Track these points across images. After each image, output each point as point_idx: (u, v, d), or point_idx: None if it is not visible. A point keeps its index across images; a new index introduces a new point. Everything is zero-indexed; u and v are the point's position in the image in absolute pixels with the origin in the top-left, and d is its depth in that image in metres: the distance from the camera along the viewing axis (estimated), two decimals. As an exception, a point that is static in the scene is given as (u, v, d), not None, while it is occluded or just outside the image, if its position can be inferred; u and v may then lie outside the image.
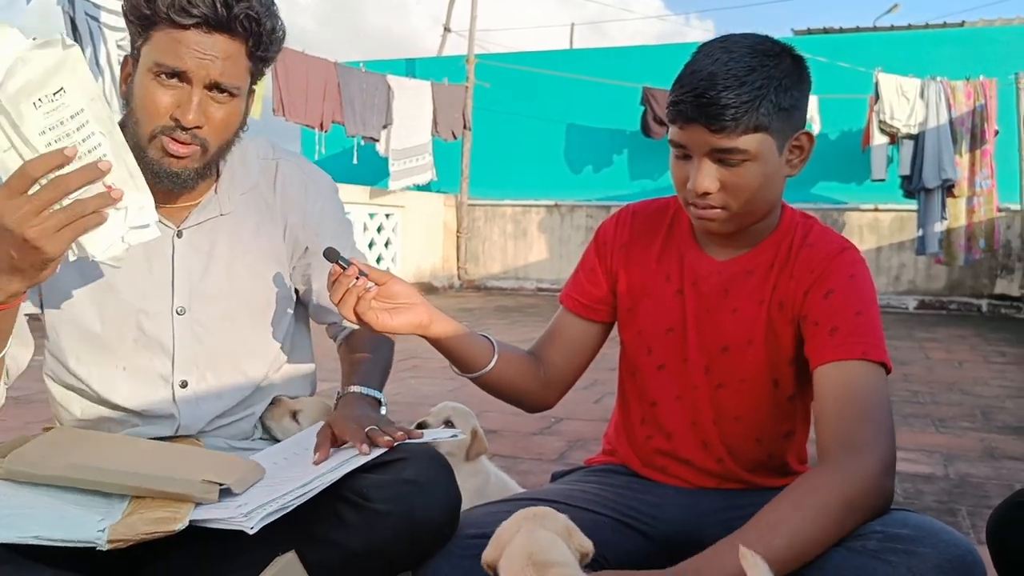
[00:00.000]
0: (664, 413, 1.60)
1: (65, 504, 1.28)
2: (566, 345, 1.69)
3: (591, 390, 3.98)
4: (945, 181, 8.38)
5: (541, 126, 11.48)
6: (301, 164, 1.70)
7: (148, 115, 1.41)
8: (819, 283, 1.45)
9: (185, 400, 1.55)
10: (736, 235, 1.51)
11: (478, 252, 11.43)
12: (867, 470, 1.28)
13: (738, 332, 1.51)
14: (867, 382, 1.36)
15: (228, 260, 1.57)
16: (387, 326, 1.48)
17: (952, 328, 7.61)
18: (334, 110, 8.60)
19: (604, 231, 1.69)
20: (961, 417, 3.69)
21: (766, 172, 1.40)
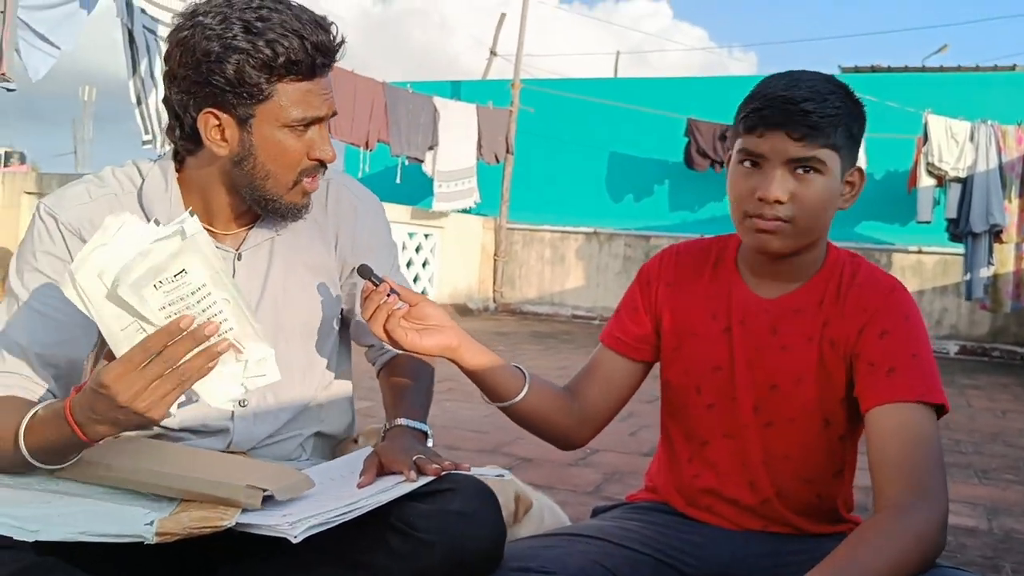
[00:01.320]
0: (714, 452, 1.58)
1: (111, 503, 1.30)
2: (604, 383, 1.68)
3: (627, 422, 3.96)
4: (993, 226, 8.26)
5: (583, 153, 11.50)
6: (351, 185, 1.72)
7: (291, 166, 1.46)
8: (872, 322, 1.44)
9: (242, 418, 1.56)
10: (784, 270, 1.52)
11: (515, 276, 11.44)
12: (937, 519, 1.27)
13: (788, 370, 1.51)
14: (926, 426, 1.36)
15: (283, 279, 1.59)
16: (416, 346, 1.49)
17: (994, 376, 7.47)
18: (380, 129, 8.69)
19: (648, 270, 1.70)
20: (1005, 469, 3.61)
21: (831, 192, 1.43)
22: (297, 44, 1.38)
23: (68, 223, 1.49)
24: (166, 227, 1.20)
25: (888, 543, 1.22)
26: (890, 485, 1.32)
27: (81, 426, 1.22)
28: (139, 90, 5.77)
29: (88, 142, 14.45)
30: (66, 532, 1.20)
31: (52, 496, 1.34)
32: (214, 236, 1.55)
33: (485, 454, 3.11)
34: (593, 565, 1.45)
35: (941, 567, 1.32)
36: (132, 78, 5.75)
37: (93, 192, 1.52)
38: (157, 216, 1.51)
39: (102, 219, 1.50)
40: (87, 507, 1.28)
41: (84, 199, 1.51)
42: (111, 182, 1.54)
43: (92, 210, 1.50)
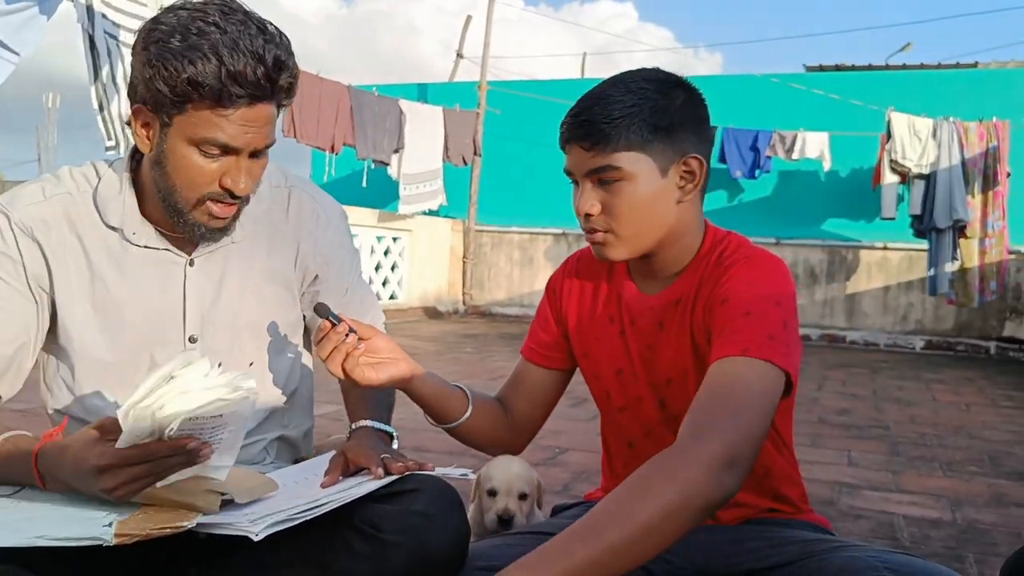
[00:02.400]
0: (641, 452, 1.59)
1: (71, 507, 1.29)
2: (529, 393, 1.72)
3: (595, 422, 3.96)
4: (956, 222, 8.38)
5: (551, 154, 11.48)
6: (314, 193, 1.70)
7: (193, 185, 1.41)
8: (719, 295, 1.42)
9: None
10: (656, 268, 1.53)
11: (484, 278, 11.43)
12: (707, 458, 1.16)
13: (674, 363, 1.51)
14: (738, 374, 1.28)
15: (239, 287, 1.57)
16: (372, 380, 1.50)
17: (959, 370, 7.58)
18: (346, 133, 8.64)
19: (554, 280, 1.73)
20: (968, 461, 3.66)
21: (645, 193, 1.42)
22: (211, 69, 1.31)
23: (20, 222, 1.46)
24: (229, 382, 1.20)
25: (648, 490, 1.14)
26: (684, 425, 1.25)
27: (44, 478, 1.24)
28: (101, 96, 5.68)
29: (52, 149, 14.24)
30: (23, 538, 1.18)
31: (9, 502, 1.32)
32: (167, 239, 1.53)
33: (454, 456, 3.10)
34: (556, 563, 1.44)
35: (898, 554, 1.34)
36: (94, 84, 5.67)
37: (48, 190, 1.50)
38: (110, 217, 1.49)
39: (55, 219, 1.48)
40: (45, 511, 1.26)
41: (38, 198, 1.49)
42: (67, 181, 1.52)
43: (45, 209, 1.48)
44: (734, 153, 9.77)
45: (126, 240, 1.51)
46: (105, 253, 1.51)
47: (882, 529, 2.58)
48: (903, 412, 4.96)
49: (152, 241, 1.52)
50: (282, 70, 1.36)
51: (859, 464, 3.48)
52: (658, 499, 1.12)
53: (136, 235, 1.51)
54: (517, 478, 1.72)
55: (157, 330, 1.53)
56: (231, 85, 1.32)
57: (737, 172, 9.85)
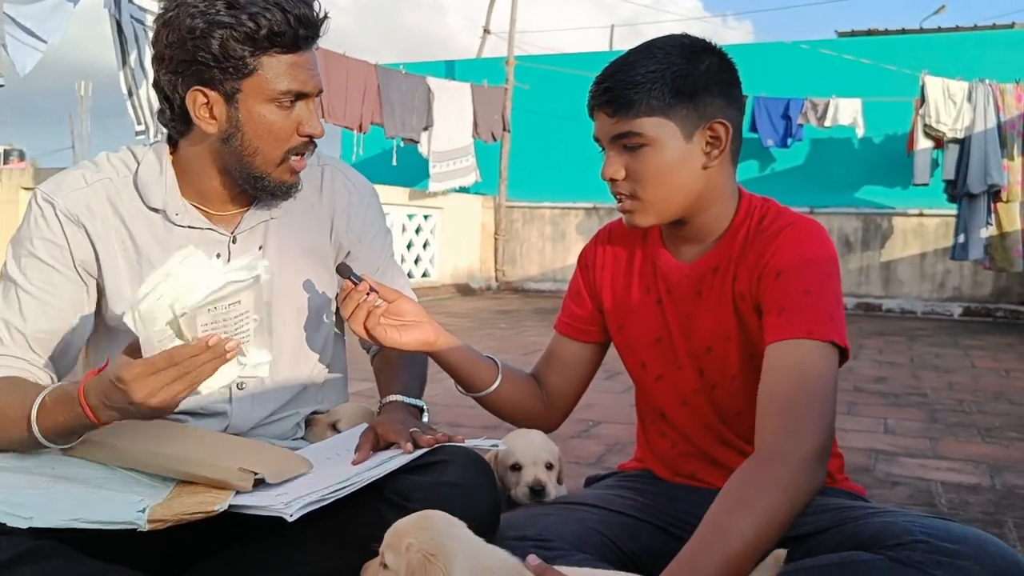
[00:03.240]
0: (675, 421, 1.61)
1: (108, 490, 1.31)
2: (563, 368, 1.73)
3: (628, 394, 3.95)
4: (991, 186, 8.21)
5: (580, 128, 11.40)
6: (345, 171, 1.73)
7: (279, 142, 1.47)
8: (771, 266, 1.43)
9: (240, 400, 1.58)
10: (691, 234, 1.53)
11: (516, 254, 11.42)
12: (803, 459, 1.23)
13: (716, 331, 1.51)
14: (811, 361, 1.33)
15: (278, 262, 1.60)
16: (395, 341, 1.52)
17: (998, 336, 7.46)
18: (373, 111, 8.65)
19: (586, 252, 1.73)
20: (1008, 427, 3.61)
21: (669, 159, 1.42)
22: (280, 16, 1.39)
23: (66, 209, 1.50)
24: (239, 264, 1.24)
25: (754, 498, 1.19)
26: (764, 424, 1.30)
27: (94, 409, 1.25)
28: (130, 81, 5.74)
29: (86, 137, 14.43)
30: (60, 519, 1.21)
31: (48, 481, 1.35)
32: (209, 218, 1.55)
33: (487, 430, 3.11)
34: (591, 532, 1.45)
35: (935, 519, 1.33)
36: (122, 69, 5.73)
37: (89, 177, 1.53)
38: (153, 199, 1.52)
39: (99, 204, 1.51)
40: (81, 493, 1.29)
41: (80, 184, 1.53)
42: (106, 167, 1.55)
43: (88, 195, 1.52)
44: (765, 122, 9.66)
45: (170, 221, 1.54)
46: (150, 235, 1.54)
47: (920, 496, 2.56)
48: (941, 379, 4.90)
49: (195, 221, 1.55)
50: (322, 10, 1.47)
51: (896, 431, 3.45)
52: (765, 506, 1.19)
53: (179, 216, 1.54)
54: (542, 449, 1.72)
55: None
56: (301, 28, 1.42)
57: (769, 141, 9.74)
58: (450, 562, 1.07)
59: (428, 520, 1.12)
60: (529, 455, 1.71)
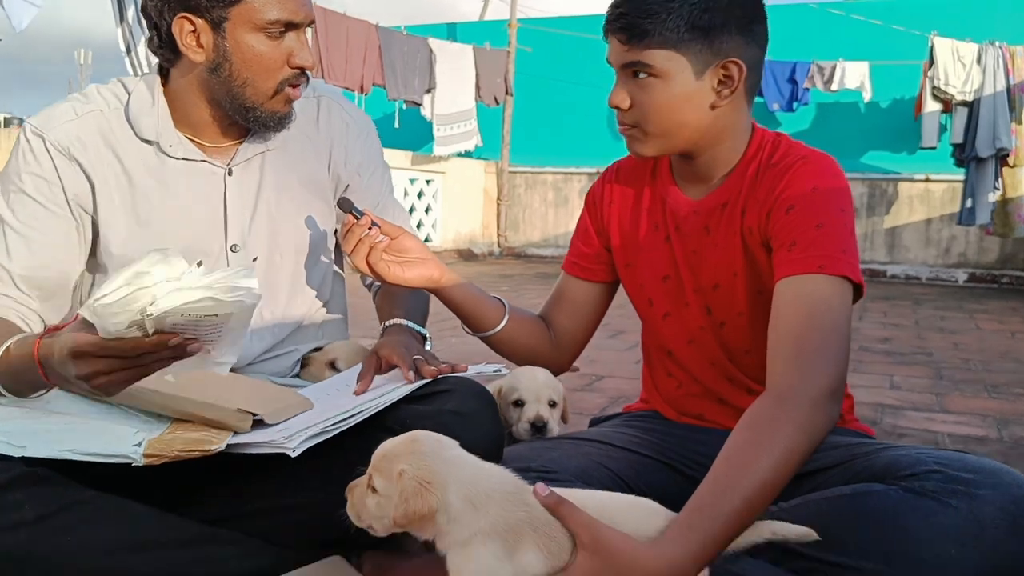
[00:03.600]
0: (682, 360, 1.58)
1: (103, 422, 1.29)
2: (571, 308, 1.70)
3: (634, 352, 3.94)
4: (1000, 150, 8.13)
5: (583, 92, 11.34)
6: (342, 102, 1.70)
7: (269, 73, 1.43)
8: (781, 200, 1.39)
9: None
10: (700, 170, 1.49)
11: (518, 219, 11.37)
12: (819, 395, 1.20)
13: (723, 267, 1.48)
14: (823, 297, 1.29)
15: (276, 195, 1.57)
16: (398, 278, 1.50)
17: (1004, 301, 7.42)
18: (375, 73, 8.57)
19: (593, 191, 1.69)
20: (1015, 384, 3.58)
21: (676, 94, 1.38)
22: None
23: (56, 142, 1.47)
24: (224, 278, 1.10)
25: (769, 437, 1.16)
26: (776, 362, 1.26)
27: (45, 368, 1.17)
28: (127, 38, 5.68)
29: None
30: (54, 449, 1.19)
31: (43, 413, 1.32)
32: (203, 150, 1.52)
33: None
34: (596, 467, 1.43)
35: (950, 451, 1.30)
36: (120, 25, 5.67)
37: (79, 109, 1.50)
38: (145, 131, 1.49)
39: (90, 136, 1.48)
40: (76, 425, 1.26)
41: (70, 116, 1.49)
42: (96, 99, 1.52)
43: (79, 127, 1.48)
44: (771, 86, 9.55)
45: (163, 153, 1.51)
46: (143, 167, 1.51)
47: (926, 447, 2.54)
48: (946, 340, 4.87)
49: (190, 153, 1.51)
50: None
51: (902, 387, 3.43)
52: (782, 445, 1.15)
53: (173, 147, 1.50)
54: (545, 386, 1.69)
55: (199, 240, 1.52)
56: None
57: (774, 105, 9.64)
58: (445, 488, 1.04)
59: (418, 443, 1.08)
60: (532, 391, 1.68)
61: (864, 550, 1.21)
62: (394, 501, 1.04)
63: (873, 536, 1.20)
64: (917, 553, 1.17)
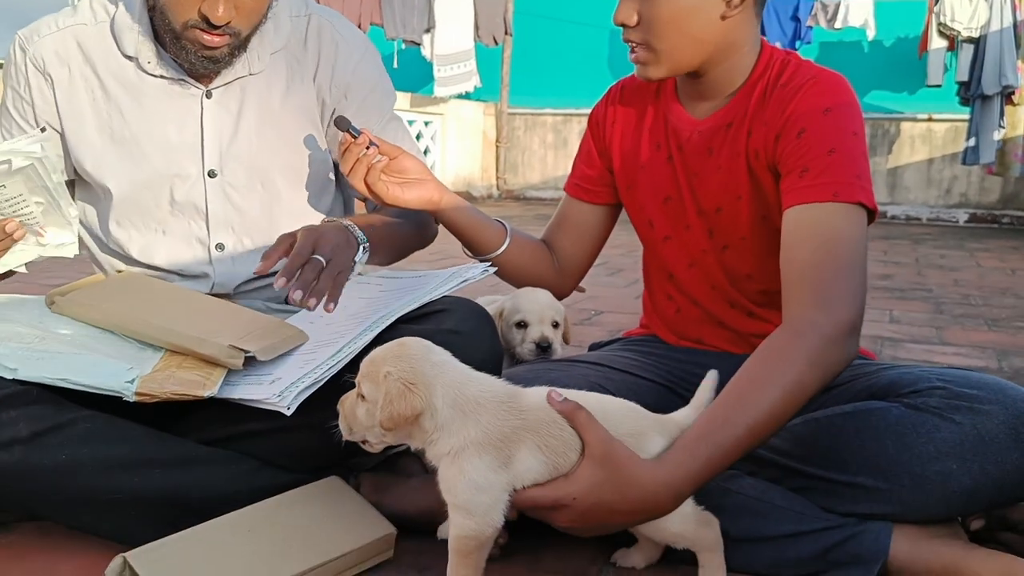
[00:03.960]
0: (683, 283, 1.56)
1: (97, 353, 1.28)
2: (574, 231, 1.67)
3: (633, 288, 3.93)
4: (1005, 87, 8.02)
5: (584, 31, 11.17)
6: (334, 20, 1.62)
7: (177, 7, 1.35)
8: (791, 123, 1.35)
9: (220, 261, 1.54)
10: (706, 88, 1.45)
11: (517, 162, 11.29)
12: (835, 332, 1.18)
13: (726, 190, 1.45)
14: (841, 227, 1.26)
15: (258, 121, 1.53)
16: (398, 199, 1.47)
17: (1004, 240, 7.40)
18: (372, 11, 8.42)
19: (596, 112, 1.65)
20: (1015, 318, 3.58)
21: (685, 5, 1.33)
22: None
23: (34, 57, 1.47)
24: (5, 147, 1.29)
25: (781, 370, 1.15)
26: (792, 294, 1.25)
27: None
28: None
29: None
30: (45, 375, 1.19)
31: (36, 335, 1.31)
32: (185, 70, 1.48)
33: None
34: (595, 388, 1.41)
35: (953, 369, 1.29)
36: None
37: (61, 22, 1.49)
38: (126, 46, 1.47)
39: (68, 50, 1.46)
40: (70, 355, 1.25)
41: (52, 29, 1.48)
42: (85, 12, 1.50)
43: (58, 40, 1.48)
44: (774, 23, 9.39)
45: (142, 70, 1.47)
46: (122, 84, 1.49)
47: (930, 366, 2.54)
48: (946, 277, 4.86)
49: (169, 71, 1.47)
50: None
51: (901, 321, 3.42)
52: (794, 381, 1.14)
53: (151, 64, 1.47)
54: (548, 307, 1.68)
55: (175, 163, 1.50)
56: None
57: (776, 44, 9.49)
58: (430, 391, 1.03)
59: (405, 347, 1.07)
60: (535, 312, 1.67)
61: (865, 467, 1.21)
62: (379, 404, 1.03)
63: (874, 453, 1.20)
64: (919, 469, 1.17)
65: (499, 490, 1.05)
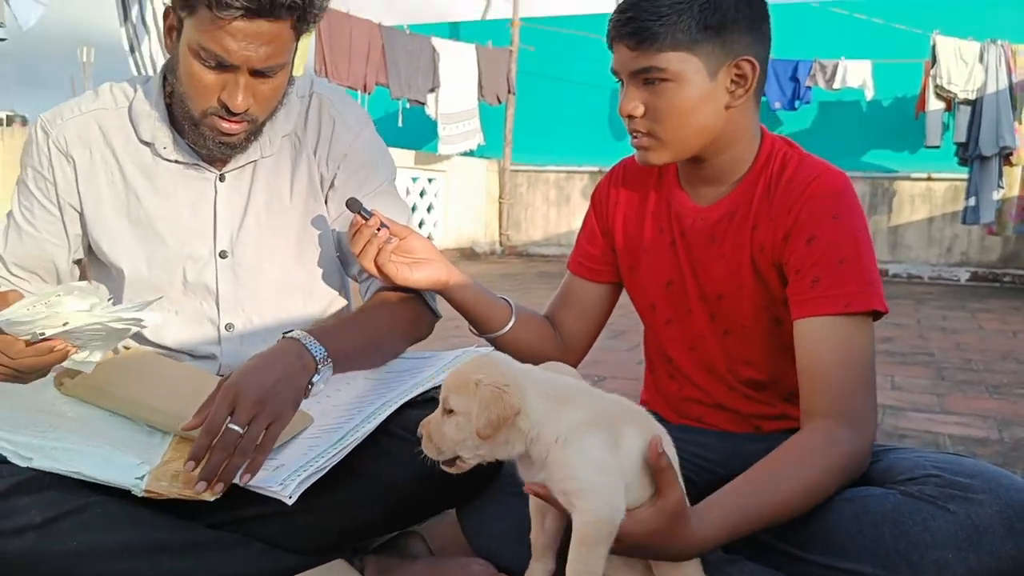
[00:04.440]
0: (682, 366, 1.58)
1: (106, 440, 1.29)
2: (577, 308, 1.69)
3: (635, 352, 3.95)
4: (1003, 148, 8.12)
5: (585, 91, 11.34)
6: (335, 98, 1.65)
7: (196, 96, 1.40)
8: (800, 227, 1.38)
9: (229, 341, 1.56)
10: (708, 175, 1.48)
11: (520, 218, 11.38)
12: (864, 448, 1.29)
13: (728, 279, 1.48)
14: (855, 340, 1.33)
15: (267, 202, 1.57)
16: (407, 280, 1.49)
17: (1006, 300, 7.42)
18: (378, 72, 8.57)
19: (599, 191, 1.68)
20: (1016, 384, 3.59)
21: (691, 96, 1.36)
22: None
23: (57, 140, 1.52)
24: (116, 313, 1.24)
25: (806, 476, 1.24)
26: (815, 406, 1.32)
27: None
28: (131, 37, 5.69)
29: (88, 101, 14.34)
30: (58, 466, 1.21)
31: (48, 423, 1.33)
32: (198, 154, 1.52)
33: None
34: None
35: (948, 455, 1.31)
36: (124, 25, 5.67)
37: (84, 106, 1.54)
38: (143, 131, 1.52)
39: (91, 134, 1.51)
40: (81, 446, 1.27)
41: (75, 113, 1.54)
42: (106, 97, 1.55)
43: (81, 124, 1.53)
44: (773, 84, 9.54)
45: (157, 155, 1.52)
46: (139, 168, 1.53)
47: (927, 448, 2.54)
48: (948, 339, 4.87)
49: (184, 156, 1.52)
50: None
51: (903, 388, 3.43)
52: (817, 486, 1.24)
53: (167, 149, 1.52)
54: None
55: (188, 245, 1.54)
56: None
57: (776, 104, 9.63)
58: (523, 390, 1.06)
59: (487, 358, 1.11)
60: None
61: (864, 554, 1.22)
62: (474, 413, 1.04)
63: (872, 539, 1.22)
64: (916, 557, 1.18)
65: (618, 474, 1.07)
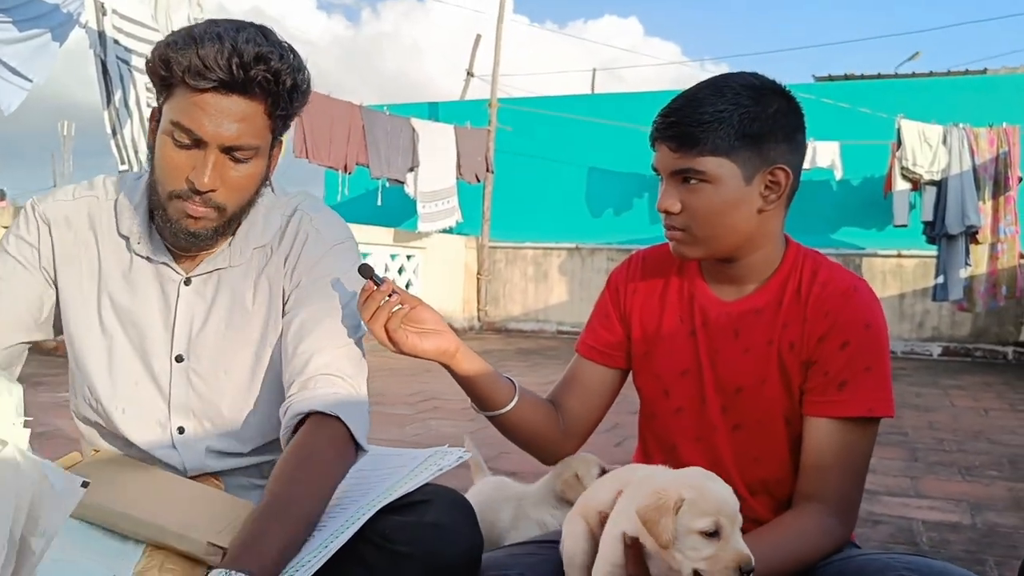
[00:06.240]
0: (685, 456, 1.58)
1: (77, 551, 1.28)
2: (583, 393, 1.69)
3: (613, 432, 3.96)
4: (969, 227, 8.33)
5: (562, 170, 11.55)
6: (316, 216, 1.61)
7: (166, 177, 1.41)
8: (834, 331, 1.44)
9: (184, 444, 1.54)
10: (736, 273, 1.52)
11: (499, 294, 11.44)
12: (846, 533, 1.44)
13: (751, 372, 1.51)
14: (864, 444, 1.45)
15: (228, 312, 1.55)
16: (416, 349, 1.50)
17: (978, 375, 7.52)
18: (358, 152, 8.69)
19: (616, 277, 1.70)
20: (988, 466, 3.63)
21: (726, 199, 1.42)
22: (185, 52, 1.33)
23: (43, 214, 1.54)
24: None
25: (809, 536, 1.39)
26: (816, 489, 1.43)
27: None
28: (114, 120, 5.75)
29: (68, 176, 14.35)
30: None
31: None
32: (172, 255, 1.53)
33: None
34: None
35: (916, 557, 1.33)
36: (107, 108, 5.74)
37: (77, 193, 1.57)
38: (122, 225, 1.54)
39: (78, 219, 1.54)
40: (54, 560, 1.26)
41: (67, 197, 1.56)
42: (98, 188, 1.58)
43: (70, 208, 1.55)
44: (745, 164, 9.74)
45: (131, 250, 1.54)
46: (115, 260, 1.54)
47: (901, 534, 2.56)
48: (921, 418, 4.92)
49: (155, 253, 1.53)
50: (260, 63, 1.34)
51: (877, 470, 3.46)
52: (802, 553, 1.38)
53: (140, 245, 1.53)
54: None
55: (147, 343, 1.54)
56: (199, 67, 1.32)
57: (748, 183, 9.82)
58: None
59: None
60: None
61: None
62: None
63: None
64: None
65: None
